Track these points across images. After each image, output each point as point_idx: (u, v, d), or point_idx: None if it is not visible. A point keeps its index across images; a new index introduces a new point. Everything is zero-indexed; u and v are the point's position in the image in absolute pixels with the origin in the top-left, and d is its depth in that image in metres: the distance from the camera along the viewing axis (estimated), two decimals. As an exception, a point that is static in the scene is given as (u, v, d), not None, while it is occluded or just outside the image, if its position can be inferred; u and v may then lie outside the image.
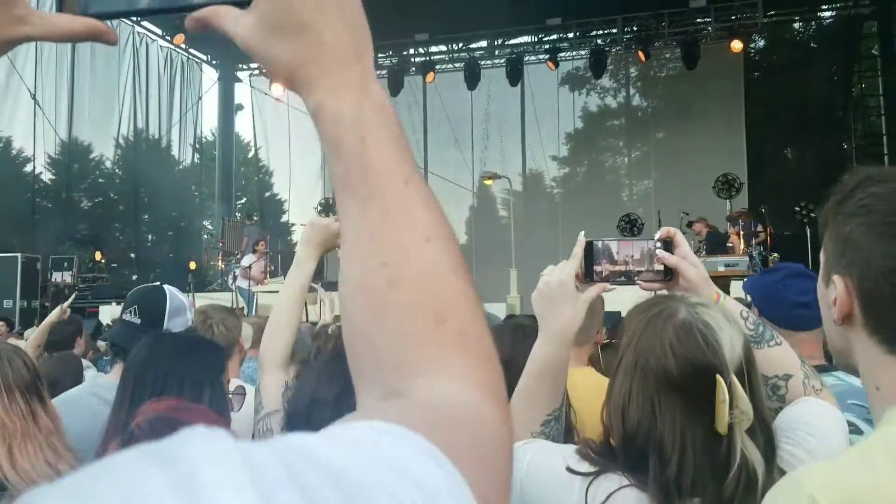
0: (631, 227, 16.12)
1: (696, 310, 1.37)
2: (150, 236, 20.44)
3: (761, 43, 19.42)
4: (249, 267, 13.20)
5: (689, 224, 12.71)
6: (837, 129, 17.73)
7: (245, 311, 12.54)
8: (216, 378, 1.88)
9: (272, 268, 14.47)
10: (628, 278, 1.68)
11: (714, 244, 11.94)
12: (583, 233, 1.71)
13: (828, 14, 18.61)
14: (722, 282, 10.41)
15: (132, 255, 19.05)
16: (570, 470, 1.39)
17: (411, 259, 0.62)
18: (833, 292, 1.09)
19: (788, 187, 16.62)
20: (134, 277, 17.55)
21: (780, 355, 1.54)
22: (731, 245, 12.10)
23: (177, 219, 20.23)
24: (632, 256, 1.68)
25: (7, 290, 13.15)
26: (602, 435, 1.44)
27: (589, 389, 2.31)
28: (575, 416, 2.08)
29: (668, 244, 1.67)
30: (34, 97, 14.39)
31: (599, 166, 20.00)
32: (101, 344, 6.75)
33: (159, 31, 16.45)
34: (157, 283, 2.67)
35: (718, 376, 1.27)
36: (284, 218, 23.00)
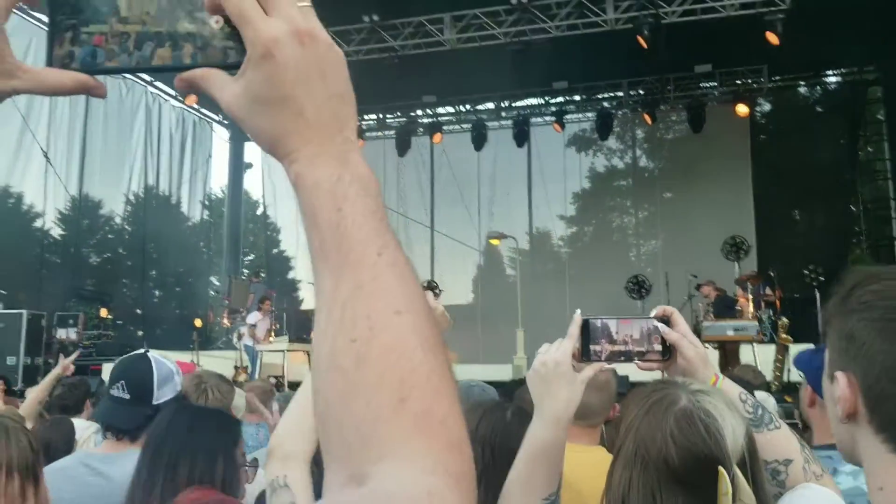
0: (639, 288, 16.06)
1: (698, 397, 1.32)
2: (156, 292, 20.48)
3: (767, 107, 19.63)
4: (254, 325, 13.15)
5: (698, 287, 12.64)
6: (845, 192, 17.78)
7: (249, 370, 12.46)
8: (230, 450, 1.93)
9: (277, 326, 14.41)
10: (627, 358, 1.63)
11: (722, 308, 11.83)
12: (578, 311, 1.66)
13: (832, 80, 18.84)
14: (731, 346, 10.33)
15: (138, 310, 19.04)
16: None
17: (379, 333, 0.60)
18: (837, 389, 1.05)
19: (797, 250, 16.59)
20: (139, 333, 17.51)
21: (780, 439, 1.50)
22: (739, 309, 12.00)
23: (184, 275, 20.29)
24: (631, 336, 1.64)
25: (11, 347, 13.08)
26: None
27: (594, 468, 2.23)
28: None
29: (667, 322, 1.63)
30: (46, 154, 14.58)
31: (607, 226, 20.04)
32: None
33: (172, 92, 16.74)
34: (143, 352, 2.61)
35: (721, 468, 1.23)
36: (291, 275, 23.05)
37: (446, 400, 0.61)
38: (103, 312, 15.49)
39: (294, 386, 8.81)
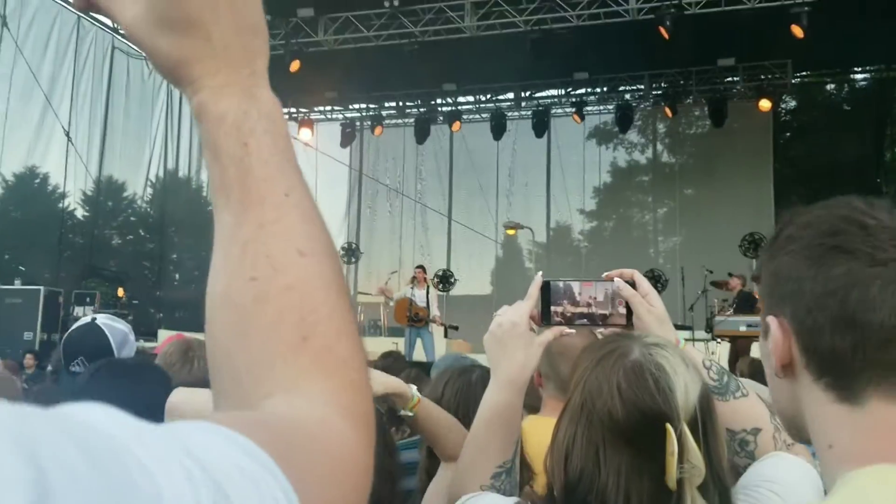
0: (655, 282, 15.91)
1: (651, 350, 1.25)
2: (176, 275, 20.65)
3: (792, 103, 19.35)
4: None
5: (715, 284, 12.49)
6: (869, 192, 16.80)
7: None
8: (156, 406, 1.84)
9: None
10: (590, 321, 1.58)
11: (743, 303, 11.66)
12: (540, 273, 1.61)
13: (860, 77, 18.53)
14: (743, 342, 10.20)
15: (158, 293, 19.22)
16: None
17: (281, 273, 0.58)
18: (770, 341, 0.94)
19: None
20: (159, 316, 17.72)
21: (748, 408, 1.43)
22: (759, 307, 11.80)
23: (205, 259, 20.34)
24: (594, 298, 1.58)
25: (28, 323, 13.26)
26: (546, 486, 1.32)
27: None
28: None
29: (633, 286, 1.56)
30: (67, 134, 14.71)
31: (627, 221, 19.87)
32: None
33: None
34: (90, 320, 2.56)
35: (668, 426, 1.15)
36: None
37: (349, 341, 0.59)
38: (120, 292, 15.65)
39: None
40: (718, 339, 10.75)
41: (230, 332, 0.58)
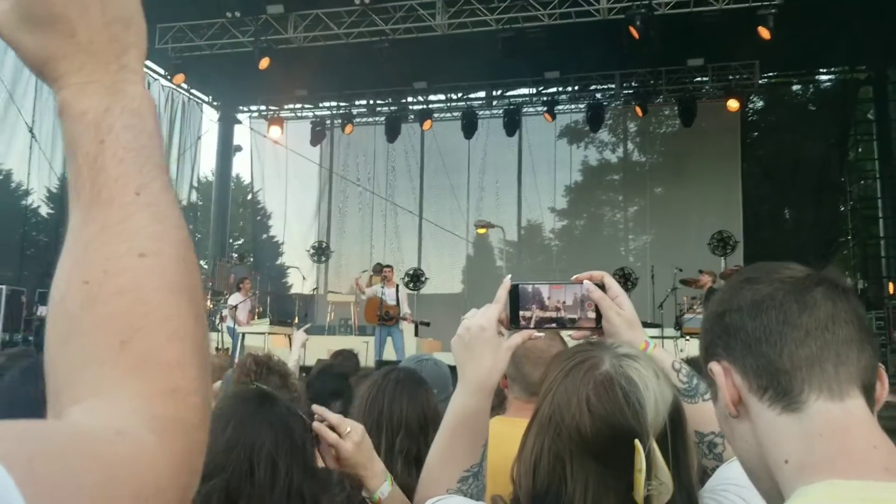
0: (625, 280, 16.04)
1: (622, 362, 1.23)
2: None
3: (759, 104, 19.61)
4: (235, 307, 13.11)
5: (683, 281, 12.62)
6: (833, 190, 17.81)
7: (230, 352, 12.41)
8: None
9: (260, 309, 14.38)
10: (559, 325, 1.55)
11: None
12: (509, 276, 1.58)
13: (825, 78, 18.84)
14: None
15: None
16: None
17: (114, 276, 0.55)
18: (717, 389, 0.99)
19: (783, 247, 16.69)
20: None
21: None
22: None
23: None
24: (563, 302, 1.55)
25: (-10, 323, 13.04)
26: (511, 493, 1.29)
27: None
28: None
29: (601, 288, 1.54)
30: (31, 130, 14.45)
31: (598, 220, 20.00)
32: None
33: (161, 71, 16.57)
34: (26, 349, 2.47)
35: (637, 442, 1.14)
36: (280, 260, 22.99)
37: (182, 346, 0.56)
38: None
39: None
40: (687, 337, 10.85)
41: (57, 339, 0.56)
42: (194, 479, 0.54)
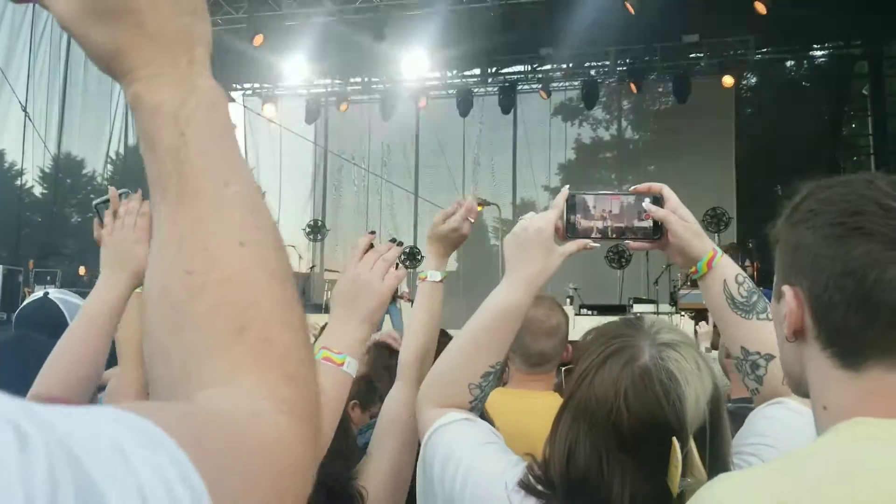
0: (619, 258, 16.08)
1: (662, 353, 1.22)
2: (138, 253, 20.33)
3: (753, 80, 19.55)
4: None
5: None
6: (827, 167, 17.78)
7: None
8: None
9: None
10: (617, 235, 1.57)
11: (703, 276, 11.82)
12: (567, 186, 1.59)
13: (819, 53, 18.77)
14: (702, 314, 10.38)
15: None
16: None
17: (218, 265, 0.56)
18: (783, 306, 1.00)
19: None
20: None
21: (768, 332, 1.36)
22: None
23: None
24: (616, 213, 1.57)
25: (-13, 302, 13.02)
26: (542, 465, 1.30)
27: (546, 414, 2.21)
28: None
29: (659, 200, 1.56)
30: (24, 109, 14.35)
31: (591, 198, 19.96)
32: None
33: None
34: (43, 295, 2.48)
35: (675, 441, 1.14)
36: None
37: (291, 333, 0.57)
38: (81, 271, 15.39)
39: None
40: (682, 313, 10.92)
41: (166, 328, 0.56)
42: (315, 466, 0.56)
